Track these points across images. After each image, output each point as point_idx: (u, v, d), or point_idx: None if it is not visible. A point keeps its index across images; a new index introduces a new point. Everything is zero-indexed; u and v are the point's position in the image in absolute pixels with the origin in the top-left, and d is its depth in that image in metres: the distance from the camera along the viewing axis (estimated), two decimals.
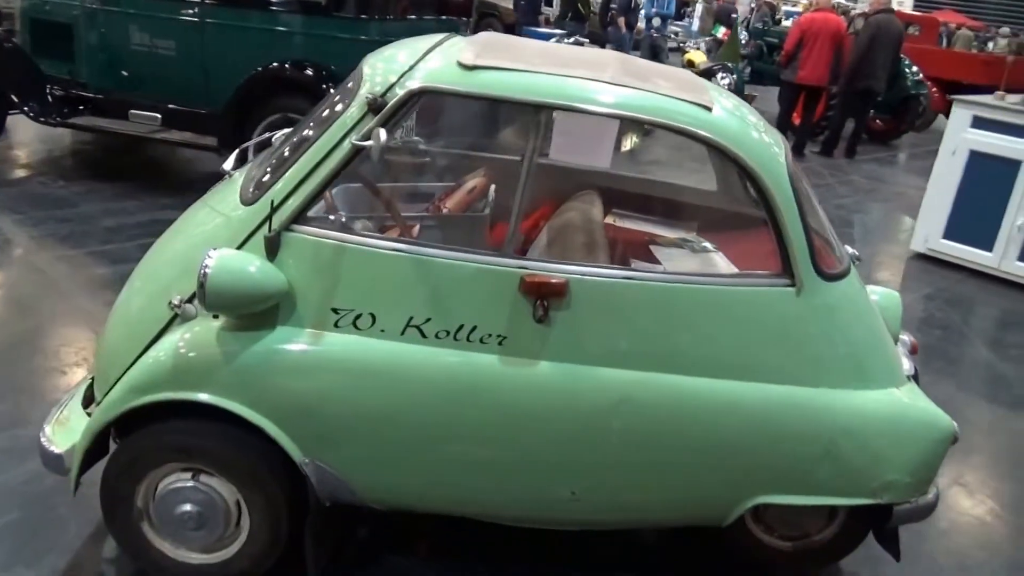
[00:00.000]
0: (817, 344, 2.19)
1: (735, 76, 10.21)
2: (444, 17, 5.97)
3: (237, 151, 2.71)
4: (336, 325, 2.06)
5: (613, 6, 12.59)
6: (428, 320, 2.04)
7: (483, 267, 2.04)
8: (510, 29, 13.21)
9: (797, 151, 9.27)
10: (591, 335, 2.07)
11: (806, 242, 2.15)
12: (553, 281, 2.01)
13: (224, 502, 2.17)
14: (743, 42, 12.16)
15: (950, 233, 5.96)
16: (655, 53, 11.50)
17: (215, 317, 2.07)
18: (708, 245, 2.89)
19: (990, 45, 16.08)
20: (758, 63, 12.77)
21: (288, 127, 5.09)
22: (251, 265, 2.00)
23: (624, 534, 2.68)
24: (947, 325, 4.96)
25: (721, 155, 2.13)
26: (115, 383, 2.20)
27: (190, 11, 5.35)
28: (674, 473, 2.17)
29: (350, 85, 2.34)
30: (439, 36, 2.48)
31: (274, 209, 2.05)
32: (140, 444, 2.13)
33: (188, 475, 2.16)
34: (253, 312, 2.04)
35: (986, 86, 12.00)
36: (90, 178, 5.86)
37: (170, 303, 2.12)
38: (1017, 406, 4.04)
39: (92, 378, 2.50)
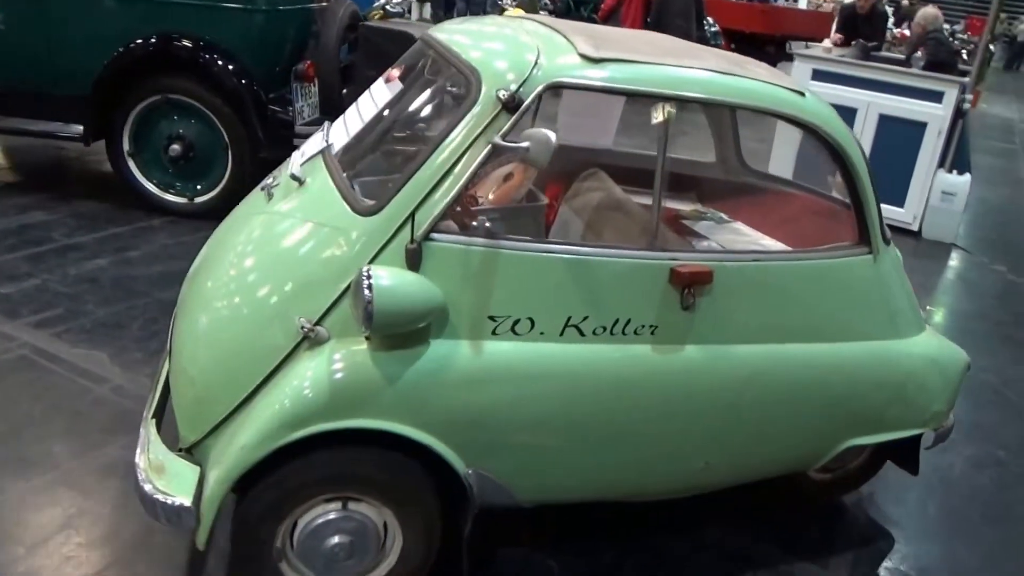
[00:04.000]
0: (887, 302, 2.47)
1: None
2: None
3: (299, 153, 2.50)
4: (494, 333, 2.03)
5: None
6: (586, 318, 2.07)
7: (636, 261, 2.09)
8: None
9: None
10: (728, 316, 2.20)
11: (878, 213, 2.41)
12: (703, 270, 2.11)
13: (374, 526, 2.10)
14: None
15: (798, 177, 6.63)
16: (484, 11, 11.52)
17: (367, 338, 1.97)
18: (724, 216, 3.10)
19: None
20: (567, 17, 13.19)
21: (171, 109, 4.71)
22: (411, 281, 1.92)
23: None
24: None
25: (815, 137, 2.31)
26: (225, 418, 2.04)
27: None
28: (790, 432, 2.38)
29: (440, 73, 2.25)
30: (505, 19, 2.44)
31: (414, 218, 1.96)
32: (288, 481, 1.99)
33: (337, 505, 2.06)
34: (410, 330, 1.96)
35: (765, 35, 13.28)
36: None
37: (301, 327, 1.98)
38: None
39: (156, 417, 2.29)
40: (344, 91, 5.25)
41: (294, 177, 2.26)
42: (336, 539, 2.06)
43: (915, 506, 3.02)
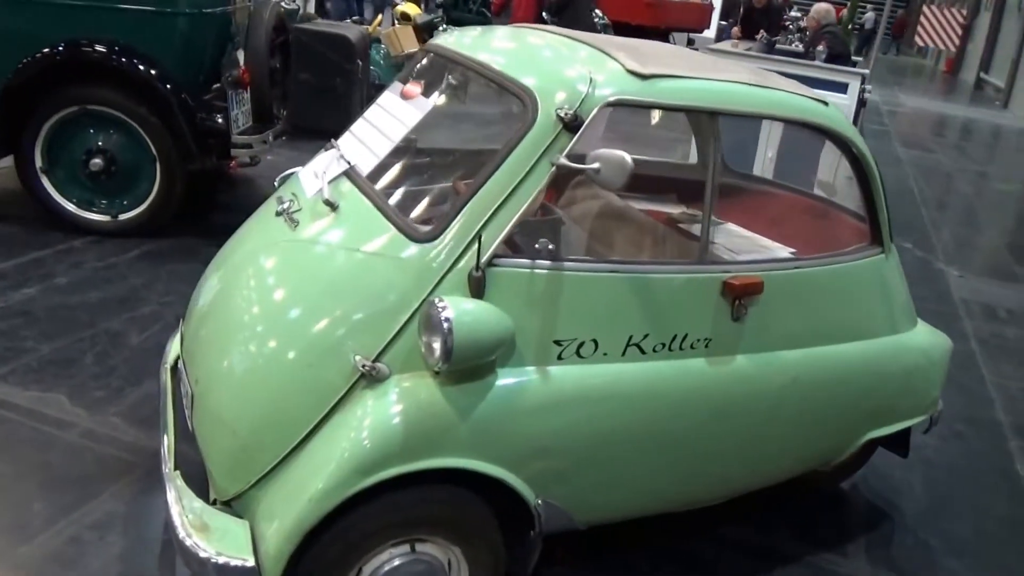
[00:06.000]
0: (895, 297, 2.59)
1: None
2: None
3: (311, 174, 2.34)
4: (559, 357, 1.98)
5: None
6: (646, 336, 2.05)
7: (692, 276, 2.09)
8: None
9: None
10: (771, 323, 2.24)
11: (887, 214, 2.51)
12: (755, 281, 2.13)
13: (441, 565, 2.02)
14: None
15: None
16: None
17: (436, 373, 1.88)
18: (713, 218, 3.14)
19: None
20: (455, 12, 13.04)
21: (88, 121, 4.33)
22: (486, 311, 1.85)
23: None
24: None
25: (839, 144, 2.37)
26: (273, 467, 1.91)
27: None
28: (825, 431, 2.46)
29: (474, 91, 2.18)
30: (530, 32, 2.38)
31: (480, 243, 1.89)
32: (356, 528, 1.87)
33: (404, 548, 1.96)
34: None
35: (651, 27, 13.60)
36: None
37: (362, 366, 1.87)
38: None
39: (179, 471, 2.11)
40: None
41: (328, 203, 2.12)
42: None
43: (903, 486, 3.18)
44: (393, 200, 2.11)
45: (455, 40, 2.46)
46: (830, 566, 2.67)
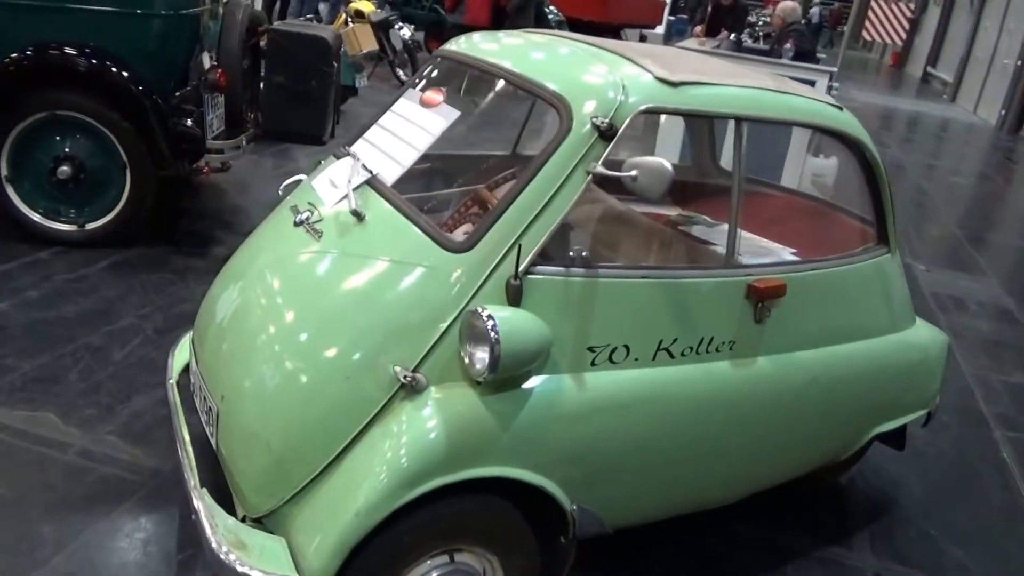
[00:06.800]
0: (898, 295, 2.65)
1: (412, 28, 10.27)
2: None
3: (326, 183, 2.28)
4: (593, 363, 1.99)
5: None
6: (675, 340, 2.07)
7: (721, 280, 2.11)
8: None
9: None
10: (790, 324, 2.27)
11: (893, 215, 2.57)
12: (778, 283, 2.16)
13: (477, 573, 2.00)
14: None
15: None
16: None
17: (478, 383, 1.86)
18: (708, 219, 3.18)
19: None
20: (408, 8, 12.94)
21: (56, 127, 4.17)
22: (527, 320, 1.84)
23: None
24: None
25: (852, 149, 2.42)
26: (309, 482, 1.87)
27: None
28: (839, 427, 2.52)
29: (497, 98, 2.16)
30: (550, 38, 2.37)
31: (519, 252, 1.87)
32: (398, 541, 1.85)
33: (443, 559, 1.94)
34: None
35: (603, 23, 13.68)
36: None
37: (404, 377, 1.85)
38: None
39: (204, 487, 2.06)
40: None
41: (355, 213, 2.07)
42: None
43: (899, 478, 3.26)
44: (422, 209, 2.08)
45: (469, 45, 2.43)
46: (838, 560, 2.73)
